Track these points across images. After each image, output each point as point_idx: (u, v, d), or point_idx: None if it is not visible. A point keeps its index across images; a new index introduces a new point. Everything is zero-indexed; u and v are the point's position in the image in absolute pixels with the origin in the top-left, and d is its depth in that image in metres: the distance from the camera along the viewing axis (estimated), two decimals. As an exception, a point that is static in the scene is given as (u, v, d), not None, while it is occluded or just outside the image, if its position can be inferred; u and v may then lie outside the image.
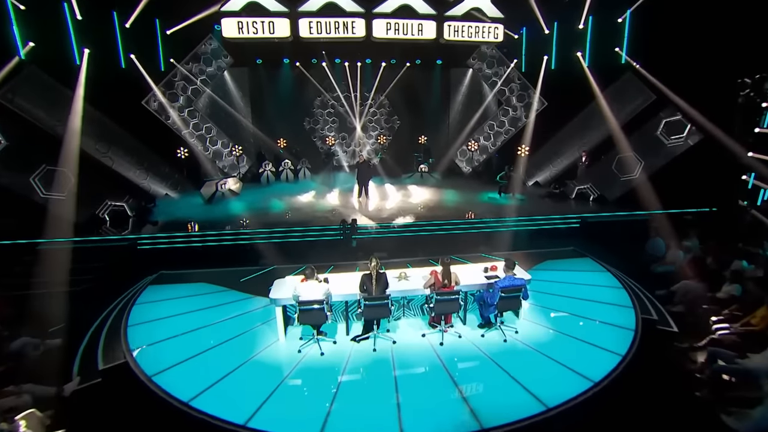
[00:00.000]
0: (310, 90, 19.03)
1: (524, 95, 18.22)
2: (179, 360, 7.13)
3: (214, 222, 12.91)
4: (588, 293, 9.19)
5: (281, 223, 12.79)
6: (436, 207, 14.46)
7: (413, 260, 11.00)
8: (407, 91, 18.92)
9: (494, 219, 13.05)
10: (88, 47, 14.05)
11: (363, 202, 14.91)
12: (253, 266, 10.95)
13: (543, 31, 16.77)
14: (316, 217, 13.12)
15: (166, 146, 16.07)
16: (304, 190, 16.33)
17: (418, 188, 16.73)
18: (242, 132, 18.51)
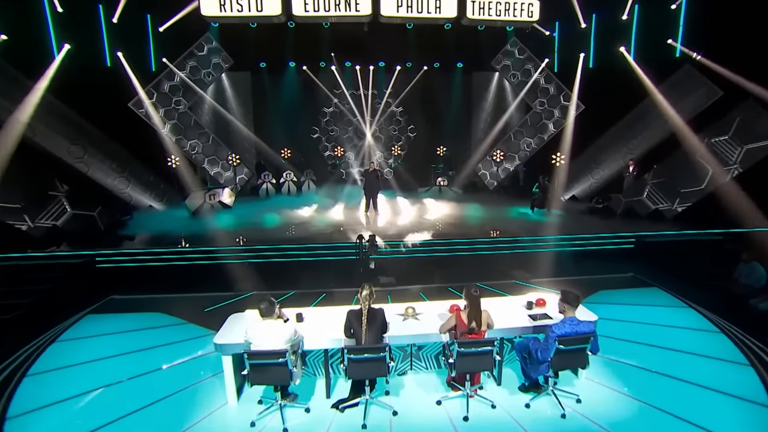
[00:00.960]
0: (317, 96, 17.26)
1: (557, 98, 15.58)
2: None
3: (194, 237, 10.54)
4: (672, 339, 6.35)
5: (272, 239, 10.32)
6: (457, 224, 11.93)
7: (427, 288, 8.33)
8: (425, 97, 17.05)
9: (529, 237, 10.28)
10: (69, 42, 12.08)
11: (371, 217, 12.53)
12: (227, 292, 8.43)
13: (579, 24, 14.19)
14: (322, 233, 10.79)
15: (154, 153, 14.00)
16: (306, 203, 14.02)
17: (436, 203, 14.35)
18: (241, 140, 16.67)
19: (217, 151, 15.37)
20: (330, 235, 10.64)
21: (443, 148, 17.29)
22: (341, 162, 17.50)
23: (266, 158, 16.77)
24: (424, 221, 12.18)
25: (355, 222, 12.05)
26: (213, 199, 13.50)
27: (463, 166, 16.60)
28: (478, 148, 16.61)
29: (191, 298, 8.23)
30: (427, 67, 16.80)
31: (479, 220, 12.49)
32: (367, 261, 8.90)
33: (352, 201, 13.98)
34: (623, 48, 13.64)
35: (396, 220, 12.29)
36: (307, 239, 10.29)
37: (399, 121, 18.06)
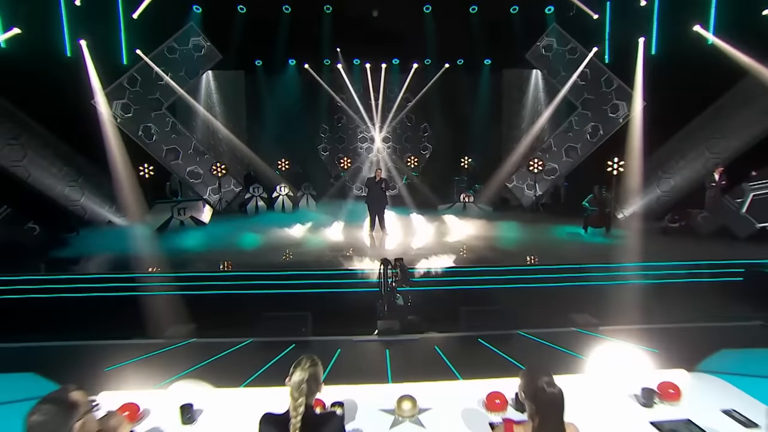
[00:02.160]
0: (321, 98, 15.44)
1: (610, 94, 12.75)
2: None
3: (142, 260, 8.25)
4: None
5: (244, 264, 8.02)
6: (488, 248, 9.24)
7: (447, 339, 5.68)
8: (446, 99, 15.20)
9: (592, 266, 7.33)
10: (18, 26, 10.05)
11: (376, 237, 10.11)
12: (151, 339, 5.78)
13: (637, 1, 11.44)
14: (314, 257, 8.45)
15: (122, 160, 11.77)
16: (300, 222, 11.62)
17: (460, 222, 11.77)
18: (230, 149, 14.80)
19: (200, 159, 13.19)
20: (324, 259, 8.19)
21: (468, 159, 15.10)
22: (346, 174, 15.42)
23: (257, 169, 14.75)
24: (444, 244, 9.63)
25: (357, 243, 9.68)
26: (183, 215, 11.06)
27: (492, 179, 14.36)
28: (510, 158, 14.34)
29: (92, 348, 5.54)
30: (450, 65, 14.98)
31: (517, 242, 9.77)
32: (393, 295, 6.12)
33: (356, 219, 11.61)
34: (699, 26, 10.75)
35: (409, 242, 9.77)
36: (290, 265, 7.82)
37: (416, 128, 16.31)
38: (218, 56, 13.21)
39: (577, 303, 6.81)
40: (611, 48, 13.02)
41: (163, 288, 6.81)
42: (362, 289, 7.20)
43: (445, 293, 6.90)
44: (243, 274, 7.52)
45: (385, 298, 6.07)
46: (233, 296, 7.01)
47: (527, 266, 7.68)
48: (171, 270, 7.47)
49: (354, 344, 5.92)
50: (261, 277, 7.32)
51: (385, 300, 6.04)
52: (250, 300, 6.93)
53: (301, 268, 7.74)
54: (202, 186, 13.46)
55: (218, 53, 13.12)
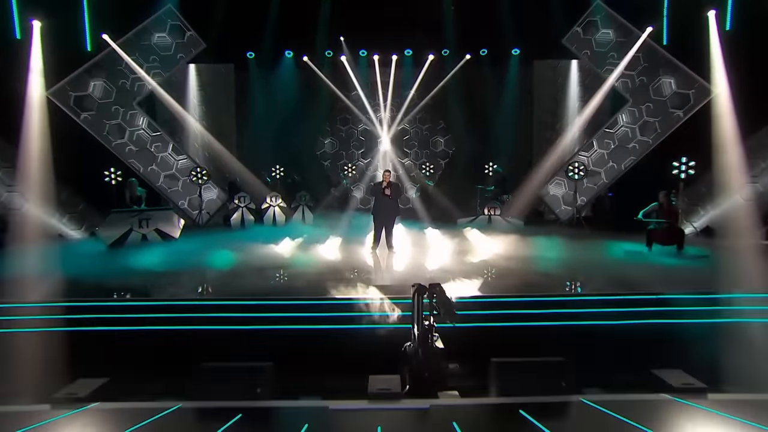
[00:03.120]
0: (322, 96, 14.23)
1: (668, 83, 10.88)
2: None
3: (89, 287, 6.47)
4: None
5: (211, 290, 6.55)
6: (524, 271, 7.44)
7: (476, 409, 3.85)
8: (467, 96, 13.96)
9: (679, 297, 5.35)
10: None
11: (381, 257, 8.56)
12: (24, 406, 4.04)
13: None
14: (308, 281, 6.81)
15: (82, 163, 10.62)
16: (290, 237, 10.04)
17: (485, 238, 10.08)
18: (216, 153, 13.30)
19: (179, 164, 12.08)
20: (308, 284, 6.62)
21: (493, 165, 13.61)
22: (349, 182, 14.13)
23: (243, 176, 13.47)
24: (466, 265, 7.92)
25: (356, 263, 8.16)
26: (146, 227, 9.48)
27: (523, 188, 13.00)
28: (543, 163, 12.92)
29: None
30: (471, 56, 13.61)
31: (562, 264, 7.92)
32: (430, 335, 4.31)
33: (358, 234, 10.19)
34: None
35: (422, 263, 8.13)
36: (257, 292, 6.15)
37: (431, 129, 15.14)
38: (202, 45, 12.01)
39: (664, 352, 4.83)
40: (671, 26, 11.28)
41: (59, 323, 5.04)
42: (355, 325, 5.36)
43: (467, 335, 4.99)
44: (187, 303, 5.72)
45: (419, 339, 4.27)
46: (168, 335, 5.19)
47: (584, 297, 5.70)
48: (85, 297, 5.71)
49: (331, 414, 4.08)
50: (212, 308, 5.52)
51: (419, 342, 4.23)
52: (190, 341, 5.11)
53: (273, 296, 5.96)
54: (180, 195, 12.19)
55: (202, 42, 11.90)
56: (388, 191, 8.32)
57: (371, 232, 8.99)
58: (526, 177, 13.16)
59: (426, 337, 4.35)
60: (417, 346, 4.33)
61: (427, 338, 4.35)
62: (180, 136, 12.67)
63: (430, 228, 10.94)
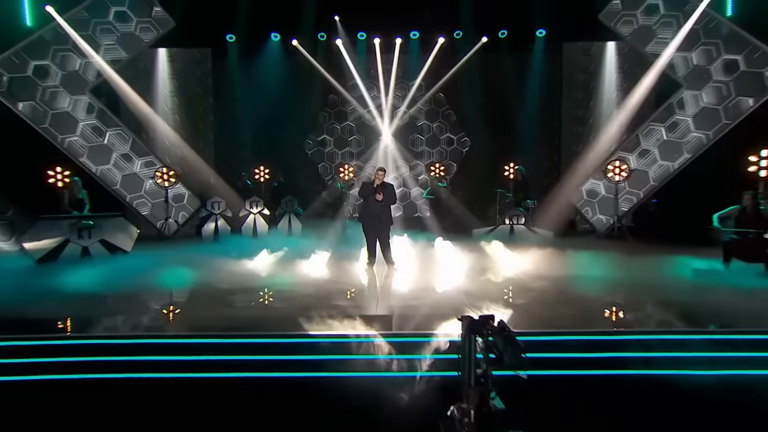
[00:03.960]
0: (314, 85, 13.44)
1: (733, 63, 9.36)
2: None
3: None
4: None
5: None
6: (563, 297, 6.14)
7: None
8: (485, 86, 13.05)
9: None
10: None
11: (378, 275, 7.39)
12: None
13: None
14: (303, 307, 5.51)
15: (20, 161, 9.37)
16: (271, 250, 8.88)
17: (508, 252, 8.92)
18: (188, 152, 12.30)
19: (141, 164, 10.96)
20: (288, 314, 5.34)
21: (514, 166, 12.32)
22: (344, 185, 13.06)
23: (215, 179, 12.56)
24: (486, 286, 6.68)
25: (346, 283, 6.95)
26: (88, 237, 8.05)
27: (552, 194, 12.18)
28: (575, 164, 11.96)
29: None
30: (489, 38, 12.62)
31: (615, 287, 6.55)
32: (485, 389, 2.76)
33: (353, 246, 9.05)
34: None
35: (430, 283, 6.94)
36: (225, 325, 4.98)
37: (442, 125, 14.25)
38: (171, 24, 10.94)
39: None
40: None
41: None
42: (342, 373, 4.05)
43: (533, 387, 3.49)
44: (113, 343, 4.35)
45: (470, 395, 2.85)
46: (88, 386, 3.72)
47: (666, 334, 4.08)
48: None
49: None
50: (150, 348, 4.07)
51: (471, 400, 2.81)
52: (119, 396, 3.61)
53: (235, 332, 4.68)
54: (142, 200, 11.05)
55: (171, 20, 10.84)
56: (379, 196, 7.22)
57: (364, 246, 7.85)
58: (555, 179, 12.65)
59: (482, 394, 2.93)
60: (469, 407, 2.88)
61: (484, 396, 2.92)
62: (147, 132, 11.55)
63: (441, 240, 9.69)
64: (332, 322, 4.75)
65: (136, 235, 9.02)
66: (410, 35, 12.80)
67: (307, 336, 4.55)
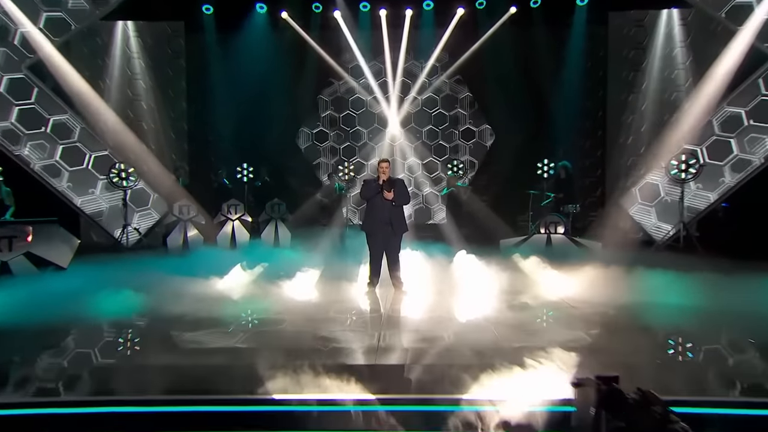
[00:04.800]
0: (307, 66, 13.04)
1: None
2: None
3: None
4: None
5: None
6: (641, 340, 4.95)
7: None
8: (513, 65, 12.60)
9: None
10: None
11: (383, 299, 6.74)
12: None
13: None
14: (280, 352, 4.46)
15: None
16: (247, 265, 8.08)
17: (547, 269, 8.06)
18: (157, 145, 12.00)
19: (94, 160, 10.32)
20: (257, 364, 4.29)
21: (549, 164, 11.72)
22: (343, 185, 12.48)
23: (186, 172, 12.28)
24: (530, 318, 5.88)
25: (342, 312, 6.15)
26: (9, 250, 7.04)
27: (595, 197, 12.47)
28: (625, 161, 11.76)
29: None
30: (518, 8, 12.04)
31: (720, 322, 5.40)
32: None
33: (351, 261, 8.61)
34: None
35: (449, 313, 6.09)
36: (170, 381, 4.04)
37: (460, 114, 13.78)
38: None
39: None
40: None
41: None
42: None
43: None
44: None
45: None
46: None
47: None
48: None
49: None
50: None
51: None
52: None
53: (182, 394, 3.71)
54: (94, 203, 10.39)
55: None
56: (389, 194, 6.55)
57: (366, 260, 7.21)
58: (599, 179, 12.57)
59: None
60: None
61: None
62: (99, 120, 10.73)
63: (463, 253, 8.98)
64: (316, 379, 3.64)
65: (75, 247, 8.11)
66: (423, 5, 12.33)
67: (273, 403, 3.42)
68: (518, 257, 9.10)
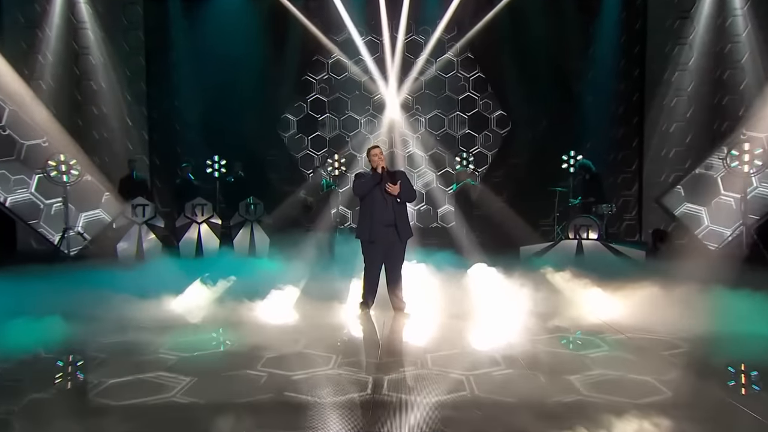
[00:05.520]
0: (291, 42, 12.81)
1: None
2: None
3: None
4: None
5: None
6: None
7: None
8: (532, 42, 12.56)
9: None
10: None
11: (379, 326, 6.11)
12: None
13: None
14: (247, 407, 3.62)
15: None
16: (209, 280, 7.64)
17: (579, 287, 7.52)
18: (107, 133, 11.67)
19: (25, 150, 9.99)
20: None
21: (575, 157, 11.48)
22: (333, 182, 12.19)
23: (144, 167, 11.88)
24: (577, 355, 4.95)
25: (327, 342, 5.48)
26: None
27: (631, 194, 12.15)
28: (671, 153, 11.49)
29: None
30: None
31: None
32: None
33: (341, 274, 8.13)
34: None
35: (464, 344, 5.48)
36: None
37: (470, 97, 13.53)
38: None
39: None
40: None
41: None
42: None
43: None
44: None
45: None
46: None
47: None
48: None
49: None
50: None
51: None
52: None
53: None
54: (27, 204, 9.92)
55: None
56: (394, 187, 5.80)
57: (360, 274, 6.64)
58: (635, 173, 12.22)
59: None
60: None
61: None
62: None
63: (478, 265, 8.36)
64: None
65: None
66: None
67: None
68: (547, 269, 8.33)
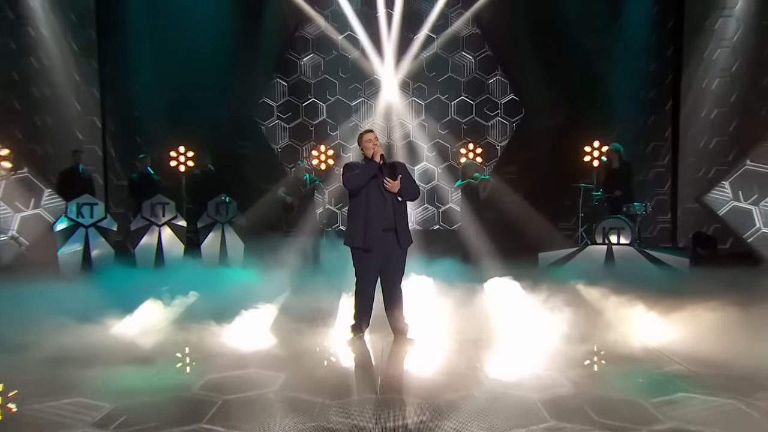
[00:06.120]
0: (269, 14, 12.41)
1: None
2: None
3: None
4: None
5: None
6: None
7: None
8: (550, 19, 12.23)
9: None
10: None
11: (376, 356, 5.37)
12: None
13: None
14: None
15: None
16: (165, 298, 7.03)
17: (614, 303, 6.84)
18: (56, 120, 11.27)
19: None
20: None
21: (599, 147, 11.25)
22: (317, 176, 11.57)
23: None
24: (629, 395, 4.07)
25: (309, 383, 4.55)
26: None
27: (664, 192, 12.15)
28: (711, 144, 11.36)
29: None
30: None
31: None
32: None
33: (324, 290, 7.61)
34: None
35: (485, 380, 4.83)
36: None
37: (476, 80, 13.17)
38: None
39: None
40: None
41: None
42: None
43: None
44: None
45: None
46: None
47: None
48: None
49: None
50: None
51: None
52: None
53: None
54: None
55: None
56: (394, 182, 5.36)
57: (352, 289, 6.06)
58: (668, 168, 11.98)
59: None
60: None
61: None
62: None
63: (494, 279, 7.88)
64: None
65: None
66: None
67: None
68: (576, 282, 7.83)
